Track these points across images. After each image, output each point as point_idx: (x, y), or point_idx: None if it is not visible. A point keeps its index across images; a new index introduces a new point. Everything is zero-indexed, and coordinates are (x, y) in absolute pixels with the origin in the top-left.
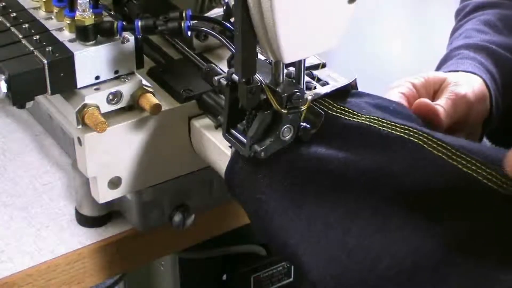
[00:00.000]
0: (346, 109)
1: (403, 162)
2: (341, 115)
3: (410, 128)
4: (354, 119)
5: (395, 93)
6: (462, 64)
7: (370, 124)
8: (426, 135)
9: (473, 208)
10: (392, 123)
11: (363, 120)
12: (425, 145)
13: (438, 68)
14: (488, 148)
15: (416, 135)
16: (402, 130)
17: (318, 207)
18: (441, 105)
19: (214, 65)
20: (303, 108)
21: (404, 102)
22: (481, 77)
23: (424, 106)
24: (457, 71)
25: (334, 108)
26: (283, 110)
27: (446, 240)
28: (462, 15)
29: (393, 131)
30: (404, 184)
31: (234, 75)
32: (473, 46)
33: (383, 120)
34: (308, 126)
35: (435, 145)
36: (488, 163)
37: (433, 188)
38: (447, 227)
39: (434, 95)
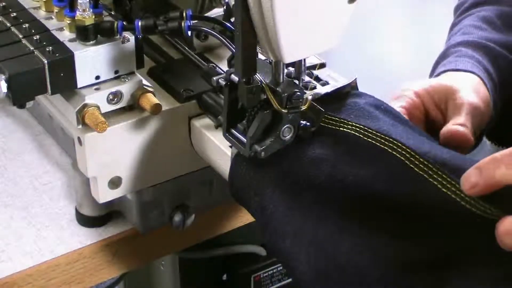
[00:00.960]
0: (333, 118)
1: (387, 179)
2: (328, 125)
3: (394, 141)
4: (341, 128)
5: (396, 107)
6: (461, 62)
7: (356, 133)
8: (409, 150)
9: (454, 228)
10: (377, 133)
11: (349, 129)
12: (407, 161)
13: (436, 64)
14: (471, 164)
15: (399, 149)
16: (387, 143)
17: (311, 217)
18: (464, 123)
19: (214, 65)
20: (303, 108)
21: (405, 116)
22: (479, 76)
23: (457, 135)
24: (457, 69)
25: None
26: (283, 110)
27: (432, 257)
28: (461, 11)
29: (377, 143)
30: (388, 201)
31: (232, 75)
32: (471, 43)
33: (369, 130)
34: (308, 124)
35: (417, 162)
36: None
37: (416, 207)
38: (432, 245)
39: (438, 102)
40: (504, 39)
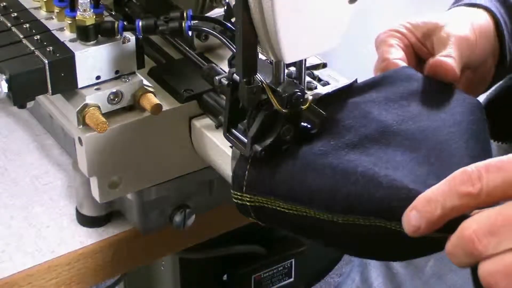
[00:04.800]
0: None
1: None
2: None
3: (301, 209)
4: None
5: (391, 47)
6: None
7: (278, 208)
8: (322, 213)
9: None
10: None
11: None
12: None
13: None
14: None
15: (311, 213)
16: (296, 212)
17: None
18: (450, 54)
19: (214, 65)
20: (304, 107)
21: (401, 52)
22: (491, 11)
23: (441, 66)
24: (472, 4)
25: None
26: (283, 110)
27: None
28: None
29: (290, 211)
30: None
31: (235, 75)
32: None
33: (274, 201)
34: (309, 126)
35: (340, 220)
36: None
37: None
38: None
39: (422, 40)
40: None
